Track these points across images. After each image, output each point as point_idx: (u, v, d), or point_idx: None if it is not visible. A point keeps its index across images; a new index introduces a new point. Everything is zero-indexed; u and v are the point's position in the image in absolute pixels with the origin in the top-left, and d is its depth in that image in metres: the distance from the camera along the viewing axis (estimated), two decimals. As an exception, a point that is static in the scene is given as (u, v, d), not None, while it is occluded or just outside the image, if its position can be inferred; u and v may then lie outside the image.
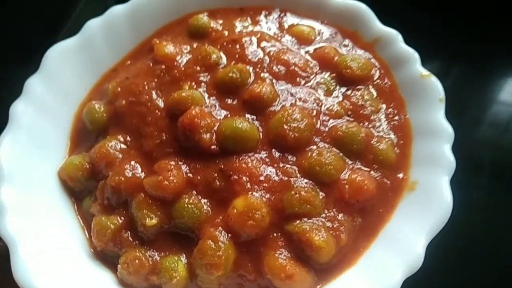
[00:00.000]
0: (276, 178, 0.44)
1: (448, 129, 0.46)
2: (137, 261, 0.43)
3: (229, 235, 0.42)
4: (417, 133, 0.49)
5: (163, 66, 0.52)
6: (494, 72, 0.52)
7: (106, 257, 0.46)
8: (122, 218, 0.46)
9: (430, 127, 0.48)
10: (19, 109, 0.50)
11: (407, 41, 0.54)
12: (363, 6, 0.56)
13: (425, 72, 0.50)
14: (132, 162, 0.47)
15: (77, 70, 0.56)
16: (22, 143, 0.49)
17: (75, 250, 0.46)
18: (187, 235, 0.44)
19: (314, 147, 0.46)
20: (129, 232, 0.45)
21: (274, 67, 0.51)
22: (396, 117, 0.50)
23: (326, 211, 0.43)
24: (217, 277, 0.41)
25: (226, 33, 0.56)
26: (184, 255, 0.44)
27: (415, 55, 0.52)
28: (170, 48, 0.54)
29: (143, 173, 0.47)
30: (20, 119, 0.49)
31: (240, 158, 0.45)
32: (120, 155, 0.48)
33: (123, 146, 0.49)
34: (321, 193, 0.44)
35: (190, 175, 0.45)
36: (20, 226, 0.43)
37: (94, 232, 0.46)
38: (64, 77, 0.54)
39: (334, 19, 0.58)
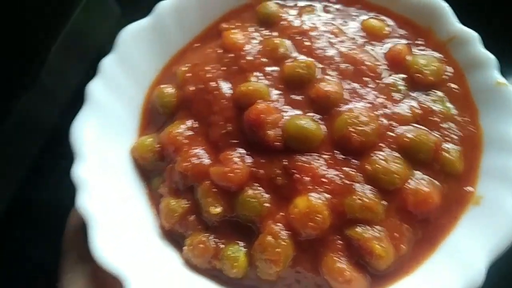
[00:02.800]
0: (339, 181, 0.45)
1: None
2: (201, 245, 0.46)
3: (289, 232, 0.44)
4: (488, 145, 0.47)
5: (232, 55, 0.53)
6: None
7: (172, 236, 0.50)
8: (188, 202, 0.48)
9: (503, 140, 0.46)
10: (94, 89, 0.52)
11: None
12: (440, 1, 0.54)
13: (501, 79, 0.48)
14: (199, 149, 0.49)
15: (148, 51, 0.57)
16: (97, 123, 0.51)
17: (145, 227, 0.49)
18: (249, 226, 0.46)
19: (380, 152, 0.46)
20: (194, 216, 0.48)
21: (342, 64, 0.51)
22: (468, 126, 0.49)
23: (387, 220, 0.44)
24: (275, 271, 0.43)
25: (295, 22, 0.56)
26: (245, 244, 0.46)
27: (493, 60, 0.49)
28: (238, 36, 0.54)
29: (209, 160, 0.48)
30: (95, 99, 0.52)
31: (304, 157, 0.46)
32: (188, 141, 0.50)
33: (190, 132, 0.51)
34: (384, 201, 0.44)
35: (254, 168, 0.46)
36: (96, 202, 0.46)
37: (162, 213, 0.49)
38: (136, 58, 0.56)
39: (408, 13, 0.55)
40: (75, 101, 0.54)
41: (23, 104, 0.80)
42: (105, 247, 0.43)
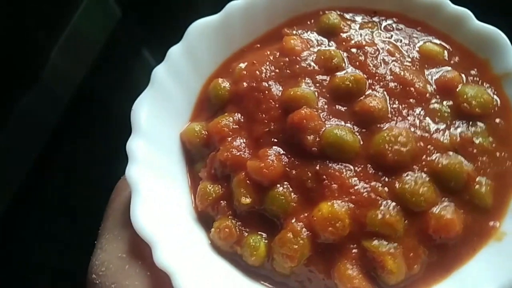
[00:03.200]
0: (365, 194, 0.47)
1: None
2: (227, 229, 0.50)
3: (309, 233, 0.47)
4: (522, 184, 0.47)
5: (287, 59, 0.56)
6: None
7: (204, 217, 0.54)
8: (223, 189, 0.52)
9: (538, 184, 0.46)
10: (159, 73, 0.58)
11: None
12: (502, 34, 0.53)
13: (549, 123, 0.48)
14: (241, 142, 0.53)
15: (213, 45, 0.62)
16: (157, 104, 0.57)
17: (182, 204, 0.54)
18: (273, 220, 0.49)
19: (411, 173, 0.47)
20: (225, 202, 0.52)
21: (391, 83, 0.52)
22: (506, 163, 0.49)
23: (405, 239, 0.45)
24: (290, 266, 0.46)
25: (354, 36, 0.58)
26: (266, 236, 0.49)
27: None
28: (297, 42, 0.57)
29: (248, 154, 0.52)
30: (158, 82, 0.57)
31: (336, 166, 0.48)
32: (232, 133, 0.54)
33: (236, 126, 0.55)
34: (405, 220, 0.46)
35: (288, 168, 0.49)
36: (143, 174, 0.51)
37: (198, 195, 0.54)
38: (201, 50, 0.61)
39: (468, 42, 0.55)
40: (76, 101, 0.57)
41: (25, 104, 0.82)
42: (143, 214, 0.48)
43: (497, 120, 0.51)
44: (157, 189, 0.52)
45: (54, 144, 0.85)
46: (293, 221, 0.47)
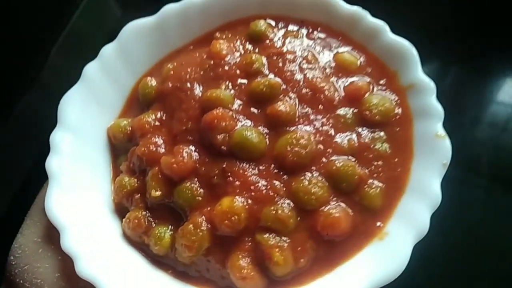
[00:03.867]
0: (264, 191, 0.50)
1: (437, 196, 0.48)
2: (136, 220, 0.53)
3: (209, 225, 0.50)
4: (410, 189, 0.50)
5: (212, 62, 0.59)
6: (492, 72, 0.50)
7: (120, 209, 0.57)
8: (139, 182, 0.55)
9: (423, 189, 0.49)
10: (90, 69, 0.61)
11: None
12: (411, 48, 0.56)
13: (441, 132, 0.51)
14: (159, 139, 0.56)
15: (147, 45, 0.65)
16: (86, 98, 0.60)
17: (100, 195, 0.57)
18: (180, 213, 0.52)
19: (309, 174, 0.50)
20: (139, 195, 0.55)
21: (303, 89, 0.55)
22: (398, 168, 0.52)
23: (296, 234, 0.48)
24: (189, 256, 0.49)
25: (278, 43, 0.61)
26: (172, 227, 0.52)
27: (441, 114, 0.52)
28: (223, 46, 0.60)
29: (164, 150, 0.55)
30: (89, 78, 0.60)
31: (241, 164, 0.51)
32: (152, 130, 0.57)
33: (157, 123, 0.58)
34: (298, 217, 0.49)
35: (197, 165, 0.52)
36: (62, 165, 0.54)
37: (115, 187, 0.57)
38: (135, 49, 0.64)
39: (381, 54, 0.59)
40: None
41: (24, 104, 0.82)
42: (56, 201, 0.51)
43: (397, 129, 0.54)
44: (76, 180, 0.55)
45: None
46: (196, 214, 0.50)
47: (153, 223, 0.53)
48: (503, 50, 0.74)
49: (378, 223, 0.49)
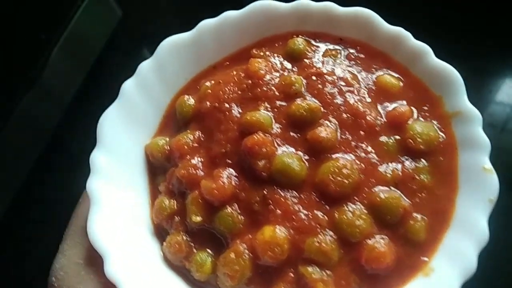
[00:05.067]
0: (306, 221, 0.49)
1: (485, 236, 0.47)
2: (177, 245, 0.53)
3: (251, 254, 0.50)
4: (455, 223, 0.49)
5: (250, 81, 0.58)
6: (492, 72, 0.50)
7: (159, 230, 0.57)
8: (178, 205, 0.55)
9: (469, 225, 0.48)
10: (128, 87, 0.60)
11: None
12: (457, 74, 0.55)
13: (488, 166, 0.50)
14: (198, 161, 0.56)
15: (184, 62, 0.64)
16: (124, 117, 0.59)
17: (140, 216, 0.57)
18: (221, 239, 0.52)
19: (351, 205, 0.50)
20: (179, 217, 0.55)
21: (344, 114, 0.54)
22: (443, 201, 0.51)
23: (339, 267, 0.48)
24: (231, 285, 0.50)
25: (317, 63, 0.60)
26: (213, 253, 0.53)
27: (488, 146, 0.51)
28: (262, 66, 0.59)
29: (203, 172, 0.55)
30: (126, 96, 0.60)
31: (282, 192, 0.51)
32: (191, 151, 0.57)
33: (196, 144, 0.57)
34: (341, 249, 0.48)
35: (238, 190, 0.52)
36: (102, 186, 0.54)
37: (155, 208, 0.57)
38: (171, 66, 0.63)
39: (425, 78, 0.57)
40: (77, 101, 0.57)
41: (25, 105, 0.82)
42: (98, 225, 0.51)
43: (441, 158, 0.53)
44: (116, 201, 0.55)
45: (54, 144, 0.87)
46: (238, 241, 0.50)
47: (193, 248, 0.53)
48: (503, 50, 0.73)
49: (423, 258, 0.49)
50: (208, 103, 0.59)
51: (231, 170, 0.53)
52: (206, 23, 0.64)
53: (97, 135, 0.57)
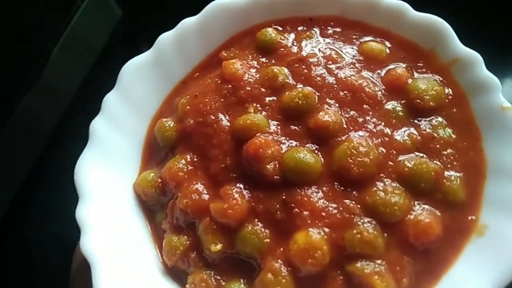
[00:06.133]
0: (338, 215, 0.44)
1: None
2: (203, 284, 0.46)
3: (289, 268, 0.44)
4: (491, 171, 0.46)
5: (230, 86, 0.53)
6: (492, 72, 0.49)
7: (175, 272, 0.50)
8: (190, 239, 0.49)
9: (507, 167, 0.45)
10: (97, 126, 0.53)
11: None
12: (444, 22, 0.52)
13: (506, 103, 0.47)
14: (199, 184, 0.50)
15: (151, 84, 0.58)
16: (101, 161, 0.52)
17: (149, 264, 0.50)
18: (249, 262, 0.46)
19: (379, 183, 0.45)
20: (195, 252, 0.48)
21: (341, 92, 0.50)
22: (470, 152, 0.47)
23: (388, 253, 0.43)
24: None
25: (293, 49, 0.55)
26: (245, 281, 0.46)
27: (498, 84, 0.48)
28: (237, 66, 0.54)
29: (208, 195, 0.49)
30: (98, 137, 0.53)
31: (302, 191, 0.45)
32: (188, 176, 0.51)
33: (190, 167, 0.51)
34: (384, 233, 0.44)
35: (253, 203, 0.46)
36: (99, 243, 0.47)
37: (165, 250, 0.50)
38: (139, 92, 0.57)
39: (410, 35, 0.54)
40: (77, 100, 0.57)
41: (25, 104, 0.81)
42: (109, 285, 0.44)
43: (454, 110, 0.50)
44: (118, 255, 0.47)
45: (54, 143, 0.84)
46: (270, 259, 0.44)
47: (221, 280, 0.47)
48: (503, 50, 0.73)
49: (470, 217, 0.45)
50: (191, 120, 0.53)
51: (239, 184, 0.48)
52: (164, 37, 0.58)
53: (76, 187, 0.50)
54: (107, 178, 0.52)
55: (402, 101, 0.50)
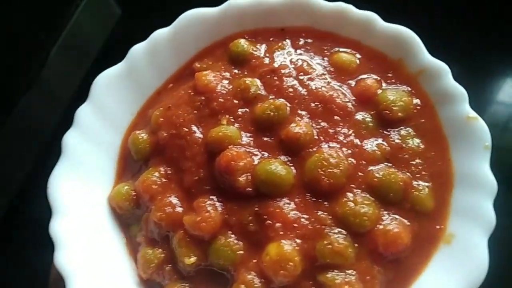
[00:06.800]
0: (309, 226, 0.45)
1: (492, 183, 0.45)
2: None
3: (262, 280, 0.44)
4: (459, 180, 0.47)
5: (203, 97, 0.53)
6: (492, 72, 0.50)
7: (151, 285, 0.50)
8: (165, 251, 0.49)
9: (473, 177, 0.46)
10: (70, 140, 0.53)
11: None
12: (411, 33, 0.53)
13: (472, 114, 0.48)
14: (173, 197, 0.50)
15: (124, 96, 0.58)
16: (74, 175, 0.52)
17: (124, 277, 0.50)
18: (223, 274, 0.47)
19: (350, 194, 0.46)
20: (170, 265, 0.49)
21: (312, 103, 0.51)
22: (438, 161, 0.49)
23: (358, 263, 0.44)
24: None
25: (266, 60, 0.56)
26: None
27: (464, 94, 0.49)
28: (210, 78, 0.54)
29: (182, 208, 0.49)
30: (71, 151, 0.53)
31: (275, 203, 0.46)
32: (161, 189, 0.51)
33: (164, 179, 0.51)
34: (355, 243, 0.44)
35: (226, 215, 0.47)
36: (74, 257, 0.47)
37: (139, 264, 0.50)
38: (111, 104, 0.57)
39: (379, 45, 0.55)
40: (76, 100, 0.57)
41: (24, 104, 0.82)
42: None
43: (422, 120, 0.51)
44: (93, 269, 0.47)
45: (54, 144, 0.82)
46: (243, 271, 0.45)
47: (195, 293, 0.47)
48: (503, 50, 0.74)
49: (438, 226, 0.46)
50: (164, 132, 0.53)
51: (212, 197, 0.48)
52: (137, 49, 0.58)
53: (50, 203, 0.49)
54: (81, 191, 0.52)
55: (372, 112, 0.51)
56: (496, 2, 0.80)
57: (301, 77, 0.53)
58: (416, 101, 0.52)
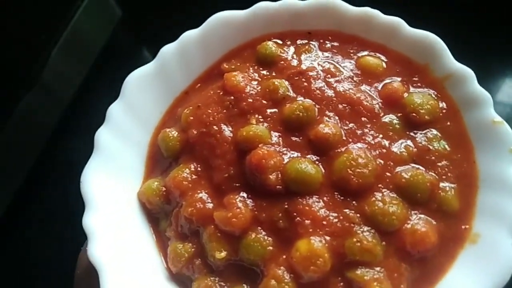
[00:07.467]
0: (338, 223, 0.46)
1: None
2: None
3: (292, 275, 0.45)
4: (483, 182, 0.48)
5: (232, 97, 0.55)
6: (492, 72, 0.51)
7: (180, 279, 0.51)
8: (194, 246, 0.50)
9: (498, 179, 0.47)
10: (102, 137, 0.54)
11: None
12: (437, 38, 0.55)
13: (497, 118, 0.49)
14: (203, 193, 0.51)
15: (153, 95, 0.59)
16: (106, 171, 0.53)
17: (154, 271, 0.51)
18: (253, 269, 0.48)
19: (378, 193, 0.47)
20: (200, 259, 0.50)
21: (340, 105, 0.52)
22: (464, 164, 0.50)
23: (386, 261, 0.45)
24: None
25: (293, 62, 0.57)
26: (248, 287, 0.48)
27: (490, 99, 0.50)
28: (239, 78, 0.56)
29: (212, 204, 0.50)
30: (103, 147, 0.54)
31: (304, 200, 0.47)
32: (192, 185, 0.52)
33: (194, 176, 0.53)
34: (383, 242, 0.46)
35: (256, 212, 0.48)
36: (106, 251, 0.48)
37: (170, 258, 0.51)
38: (142, 103, 0.58)
39: (405, 50, 0.57)
40: (76, 101, 0.58)
41: (25, 104, 0.82)
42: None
43: (448, 123, 0.52)
44: (124, 262, 0.49)
45: (54, 144, 0.85)
46: (273, 266, 0.46)
47: (225, 287, 0.48)
48: (503, 50, 0.75)
49: (464, 226, 0.47)
50: (194, 130, 0.54)
51: (242, 193, 0.49)
52: (167, 49, 0.60)
53: (83, 197, 0.51)
54: (112, 187, 0.53)
55: (399, 114, 0.52)
56: (496, 2, 0.81)
57: (328, 79, 0.55)
58: (442, 105, 0.53)
